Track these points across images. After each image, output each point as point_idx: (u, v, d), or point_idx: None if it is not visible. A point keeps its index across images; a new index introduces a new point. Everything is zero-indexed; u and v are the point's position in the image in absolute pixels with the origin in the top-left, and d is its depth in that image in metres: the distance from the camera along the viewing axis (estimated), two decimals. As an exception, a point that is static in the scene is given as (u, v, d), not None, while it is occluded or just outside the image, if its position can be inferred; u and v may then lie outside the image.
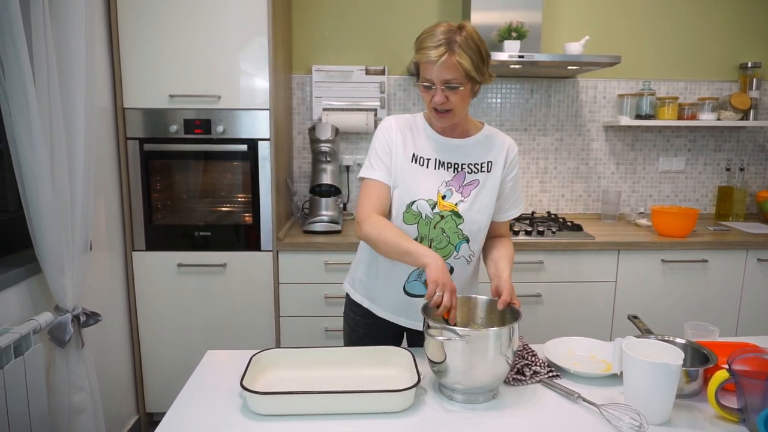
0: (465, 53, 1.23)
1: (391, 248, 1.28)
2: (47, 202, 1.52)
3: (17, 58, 1.39)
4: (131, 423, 2.34)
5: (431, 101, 1.29)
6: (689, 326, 1.32)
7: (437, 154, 1.39)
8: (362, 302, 1.50)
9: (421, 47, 1.26)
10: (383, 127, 1.41)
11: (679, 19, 2.85)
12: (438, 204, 1.36)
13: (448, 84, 1.25)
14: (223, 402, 1.11)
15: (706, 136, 2.94)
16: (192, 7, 2.14)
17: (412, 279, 1.41)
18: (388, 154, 1.38)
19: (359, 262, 1.52)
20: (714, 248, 2.38)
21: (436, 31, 1.25)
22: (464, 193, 1.38)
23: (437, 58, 1.23)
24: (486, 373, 1.09)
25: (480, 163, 1.40)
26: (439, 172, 1.38)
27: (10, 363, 1.36)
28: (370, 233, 1.31)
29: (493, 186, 1.40)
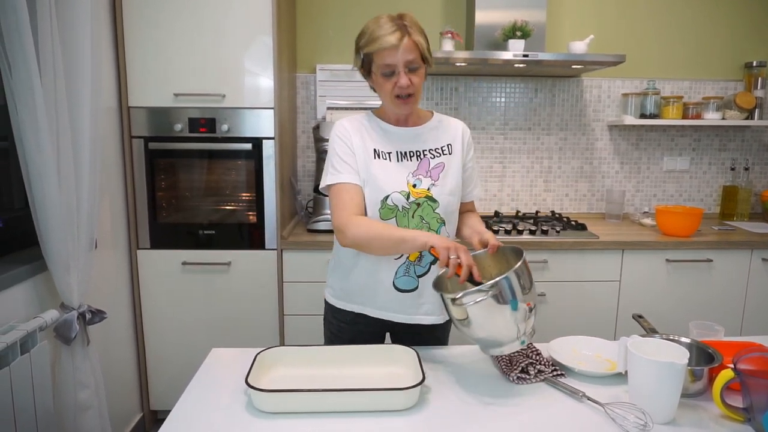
0: (418, 34, 1.31)
1: (385, 242, 1.28)
2: (53, 200, 1.53)
3: (24, 57, 1.40)
4: (135, 420, 2.35)
5: (395, 88, 1.32)
6: (694, 325, 1.32)
7: (396, 146, 1.41)
8: (352, 308, 1.47)
9: (375, 38, 1.29)
10: (338, 131, 1.40)
11: (683, 18, 2.84)
12: (411, 193, 1.38)
13: (410, 66, 1.30)
14: (228, 399, 1.11)
15: (710, 136, 2.93)
16: (197, 7, 2.14)
17: (400, 275, 1.40)
18: (350, 155, 1.37)
19: (338, 271, 1.49)
20: (719, 248, 2.38)
21: (380, 21, 1.31)
22: (434, 177, 1.40)
23: (398, 42, 1.27)
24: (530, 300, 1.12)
25: (440, 147, 1.44)
26: (402, 164, 1.40)
27: (16, 360, 1.37)
28: (358, 236, 1.29)
29: (457, 166, 1.45)
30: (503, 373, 1.23)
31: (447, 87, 2.81)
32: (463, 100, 2.83)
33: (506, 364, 1.24)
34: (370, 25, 1.33)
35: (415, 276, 1.40)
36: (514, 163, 2.91)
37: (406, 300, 1.42)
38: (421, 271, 1.41)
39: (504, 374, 1.22)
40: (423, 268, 1.41)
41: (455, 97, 2.82)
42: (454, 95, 2.82)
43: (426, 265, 1.41)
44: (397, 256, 1.39)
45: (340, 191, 1.36)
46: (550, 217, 2.74)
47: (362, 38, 1.33)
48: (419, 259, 1.40)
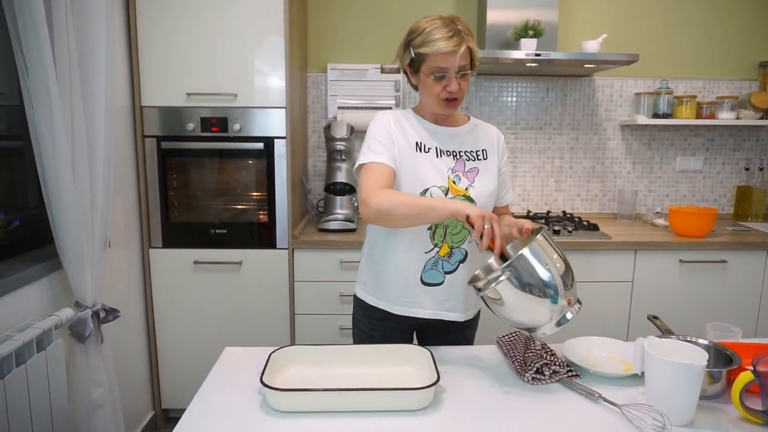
0: (472, 40, 1.33)
1: (410, 209, 1.24)
2: (68, 199, 1.54)
3: (40, 56, 1.41)
4: (147, 418, 2.36)
5: (443, 91, 1.33)
6: (711, 327, 1.30)
7: (436, 142, 1.42)
8: (378, 304, 1.48)
9: (432, 39, 1.29)
10: (380, 119, 1.41)
11: (697, 17, 2.81)
12: (450, 189, 1.38)
13: (461, 71, 1.32)
14: (243, 398, 1.11)
15: (724, 135, 2.90)
16: (209, 7, 2.15)
17: (428, 268, 1.41)
18: (390, 141, 1.38)
19: (369, 266, 1.51)
20: (733, 249, 2.35)
21: (437, 23, 1.31)
22: (470, 179, 1.42)
23: (457, 47, 1.28)
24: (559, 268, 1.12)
25: (475, 151, 1.45)
26: (442, 159, 1.40)
27: (32, 358, 1.39)
28: (381, 204, 1.24)
29: (492, 172, 1.46)
30: (518, 374, 1.22)
31: (458, 86, 2.80)
32: (474, 99, 2.82)
33: (520, 365, 1.24)
34: (425, 25, 1.33)
35: (442, 271, 1.42)
36: (525, 163, 2.90)
37: (431, 294, 1.43)
38: (449, 267, 1.42)
39: (518, 375, 1.22)
40: (452, 265, 1.42)
41: (466, 97, 2.81)
42: (465, 94, 2.80)
43: (455, 263, 1.42)
44: (427, 249, 1.39)
45: (371, 169, 1.34)
46: (562, 217, 2.72)
47: (416, 37, 1.33)
48: (449, 255, 1.41)
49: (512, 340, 1.37)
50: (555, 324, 1.14)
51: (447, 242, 1.41)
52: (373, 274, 1.49)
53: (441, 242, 1.40)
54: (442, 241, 1.40)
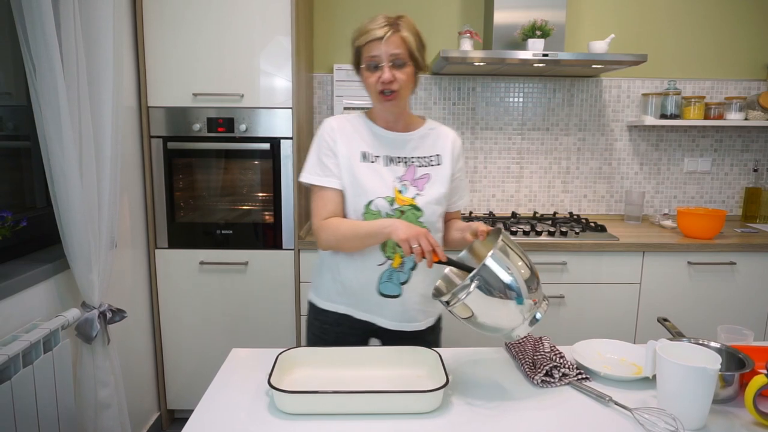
0: (408, 32, 1.32)
1: (354, 241, 1.31)
2: (76, 199, 1.54)
3: (48, 58, 1.41)
4: (153, 419, 2.36)
5: (377, 81, 1.31)
6: (722, 330, 1.29)
7: (385, 150, 1.39)
8: (337, 309, 1.45)
9: (365, 31, 1.31)
10: (324, 130, 1.39)
11: (705, 17, 2.79)
12: (396, 199, 1.36)
13: (395, 60, 1.30)
14: (250, 400, 1.11)
15: (733, 137, 2.88)
16: (216, 8, 2.15)
17: (384, 280, 1.39)
18: (332, 158, 1.37)
19: (324, 271, 1.48)
20: (742, 250, 2.33)
21: (376, 17, 1.33)
22: (419, 187, 1.39)
23: (384, 34, 1.29)
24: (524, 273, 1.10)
25: (429, 157, 1.42)
26: (390, 168, 1.38)
27: (39, 358, 1.38)
28: (329, 239, 1.34)
29: (444, 178, 1.42)
30: (527, 376, 1.21)
31: (464, 87, 2.79)
32: (481, 100, 2.81)
33: (530, 367, 1.23)
34: (365, 21, 1.35)
35: (398, 283, 1.40)
36: (531, 164, 2.88)
37: (390, 306, 1.41)
38: (403, 278, 1.40)
39: (528, 377, 1.21)
40: (405, 275, 1.40)
41: (472, 97, 2.80)
42: (472, 95, 2.80)
43: (408, 271, 1.40)
44: (380, 262, 1.37)
45: (319, 196, 1.38)
46: (569, 219, 2.71)
47: (355, 33, 1.35)
48: (401, 266, 1.39)
49: (521, 342, 1.36)
50: (528, 325, 1.12)
51: (398, 252, 1.38)
52: (330, 279, 1.45)
53: (392, 254, 1.38)
54: (394, 253, 1.38)
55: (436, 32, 2.75)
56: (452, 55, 2.30)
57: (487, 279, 1.06)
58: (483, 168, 2.87)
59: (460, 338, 2.31)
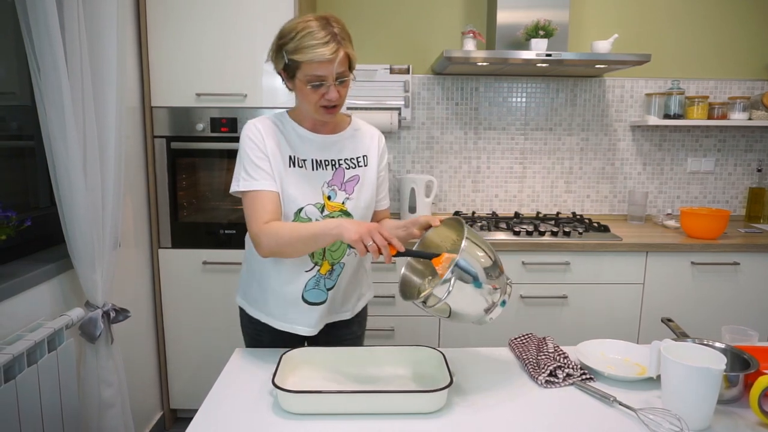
0: (349, 44, 1.25)
1: (299, 245, 1.22)
2: (80, 199, 1.54)
3: (53, 57, 1.41)
4: (156, 418, 2.36)
5: (322, 99, 1.24)
6: (727, 330, 1.29)
7: (313, 153, 1.34)
8: (259, 317, 1.43)
9: (306, 46, 1.19)
10: (250, 132, 1.31)
11: (709, 17, 2.79)
12: (326, 206, 1.33)
13: (340, 78, 1.24)
14: (254, 400, 1.11)
15: (736, 136, 2.88)
16: (219, 8, 2.15)
17: (310, 287, 1.36)
18: (264, 159, 1.29)
19: (251, 278, 1.44)
20: (745, 251, 2.33)
21: (310, 26, 1.20)
22: (348, 190, 1.36)
23: (333, 55, 1.19)
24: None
25: (356, 158, 1.38)
26: (318, 173, 1.33)
27: (43, 357, 1.39)
28: (270, 245, 1.23)
29: (372, 179, 1.40)
30: (531, 377, 1.21)
31: (467, 87, 2.79)
32: (484, 100, 2.81)
33: (533, 367, 1.22)
34: (299, 27, 1.21)
35: (325, 289, 1.38)
36: (534, 164, 2.88)
37: (313, 312, 1.38)
38: (330, 284, 1.38)
39: (532, 377, 1.21)
40: (333, 281, 1.38)
41: (475, 97, 2.80)
42: (475, 95, 2.80)
43: (335, 277, 1.38)
44: (308, 268, 1.35)
45: (254, 199, 1.27)
46: (572, 219, 2.70)
47: (289, 41, 1.21)
48: (330, 273, 1.37)
49: (524, 342, 1.36)
50: (500, 306, 1.13)
51: (327, 259, 1.36)
52: (255, 285, 1.43)
53: (321, 260, 1.35)
54: (322, 259, 1.35)
55: (439, 32, 2.75)
56: (455, 55, 2.30)
57: (461, 277, 1.06)
58: (486, 168, 2.87)
59: (462, 338, 2.31)
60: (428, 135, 2.83)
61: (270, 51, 1.29)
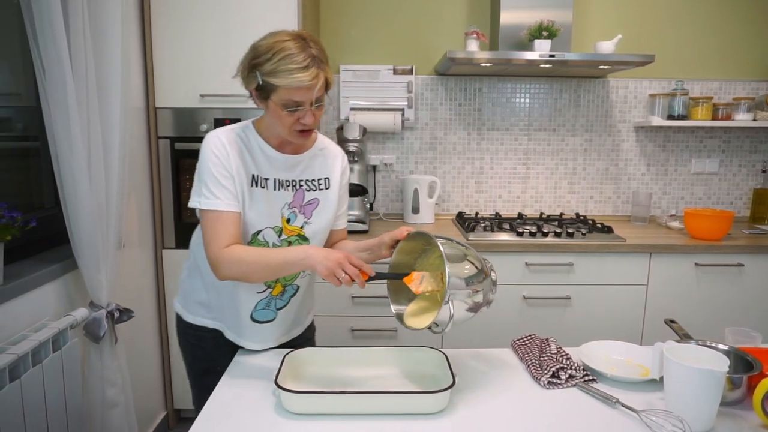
0: (327, 66, 1.18)
1: (263, 272, 1.18)
2: (84, 199, 1.55)
3: (58, 59, 1.42)
4: (160, 418, 2.37)
5: (297, 123, 1.18)
6: (730, 332, 1.28)
7: (275, 172, 1.28)
8: (206, 324, 1.37)
9: (284, 70, 1.12)
10: (214, 146, 1.22)
11: (713, 17, 2.78)
12: (284, 230, 1.29)
13: (317, 103, 1.19)
14: (257, 400, 1.11)
15: (741, 137, 2.87)
16: (223, 8, 2.16)
17: (260, 308, 1.33)
18: (228, 178, 1.21)
19: (195, 280, 1.37)
20: (750, 252, 2.32)
21: (289, 48, 1.13)
22: (307, 214, 1.32)
23: (313, 81, 1.13)
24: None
25: (317, 180, 1.34)
26: (279, 193, 1.28)
27: (48, 357, 1.39)
28: (232, 270, 1.17)
29: (333, 202, 1.36)
30: (533, 378, 1.21)
31: (471, 87, 2.79)
32: (487, 100, 2.81)
33: (536, 368, 1.22)
34: (276, 48, 1.13)
35: (274, 309, 1.35)
36: (537, 165, 2.88)
37: (261, 330, 1.35)
38: (281, 304, 1.36)
39: (534, 378, 1.21)
40: (284, 302, 1.36)
41: (479, 98, 2.80)
42: (478, 96, 2.80)
43: (287, 299, 1.36)
44: (260, 290, 1.31)
45: (215, 220, 1.20)
46: (575, 220, 2.70)
47: (264, 62, 1.14)
48: (282, 294, 1.35)
49: (527, 344, 1.36)
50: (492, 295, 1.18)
51: (280, 282, 1.33)
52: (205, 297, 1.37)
53: (274, 283, 1.32)
54: (275, 281, 1.32)
55: (442, 33, 2.75)
56: (458, 56, 2.30)
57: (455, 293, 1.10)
58: (489, 169, 2.87)
59: (465, 339, 2.31)
60: (431, 136, 2.83)
61: (240, 68, 1.21)
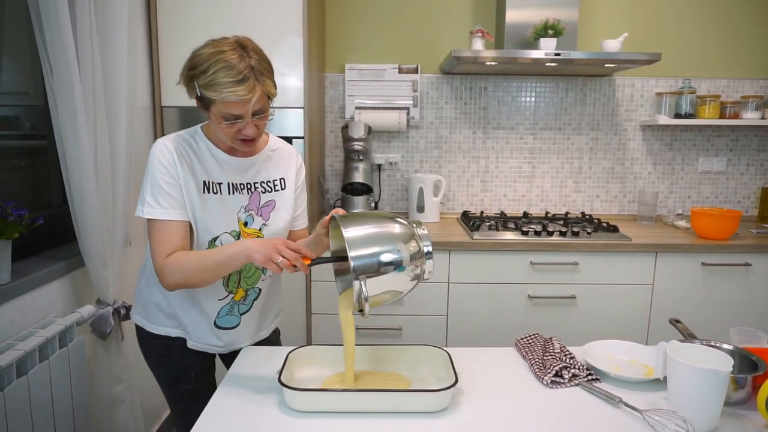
0: (267, 77, 1.15)
1: (206, 274, 1.16)
2: (91, 197, 1.56)
3: (65, 59, 1.43)
4: (165, 415, 2.39)
5: (238, 133, 1.17)
6: (735, 331, 1.28)
7: (228, 176, 1.26)
8: (169, 333, 1.34)
9: (218, 83, 1.09)
10: (160, 154, 1.20)
11: (720, 15, 2.76)
12: (242, 233, 1.27)
13: (258, 113, 1.16)
14: (261, 398, 1.12)
15: (749, 136, 2.85)
16: (228, 8, 2.17)
17: (223, 314, 1.32)
18: (174, 186, 1.20)
19: (155, 296, 1.34)
20: (757, 251, 2.30)
21: (227, 59, 1.10)
22: (265, 216, 1.30)
23: (249, 95, 1.10)
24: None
25: (272, 181, 1.32)
26: (234, 197, 1.26)
27: (55, 354, 1.41)
28: (176, 278, 1.16)
29: (290, 201, 1.35)
30: (536, 377, 1.21)
31: (476, 86, 2.79)
32: (492, 99, 2.80)
33: (539, 368, 1.22)
34: (211, 59, 1.10)
35: (238, 314, 1.34)
36: (543, 164, 2.87)
37: (225, 335, 1.34)
38: (244, 309, 1.35)
39: (537, 377, 1.20)
40: (247, 306, 1.35)
41: (484, 97, 2.80)
42: (483, 94, 2.80)
43: (250, 302, 1.35)
44: (222, 297, 1.30)
45: (159, 230, 1.19)
46: (581, 219, 2.69)
47: (200, 74, 1.11)
48: (244, 299, 1.34)
49: (530, 343, 1.36)
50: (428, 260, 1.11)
51: (242, 286, 1.32)
52: (165, 305, 1.33)
53: (236, 288, 1.31)
54: (237, 286, 1.31)
55: (448, 32, 2.75)
56: (464, 55, 2.30)
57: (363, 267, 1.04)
58: (495, 168, 2.87)
59: (469, 338, 2.31)
60: (437, 134, 2.83)
61: (181, 76, 1.19)
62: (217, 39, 1.16)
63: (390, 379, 1.20)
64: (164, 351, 1.37)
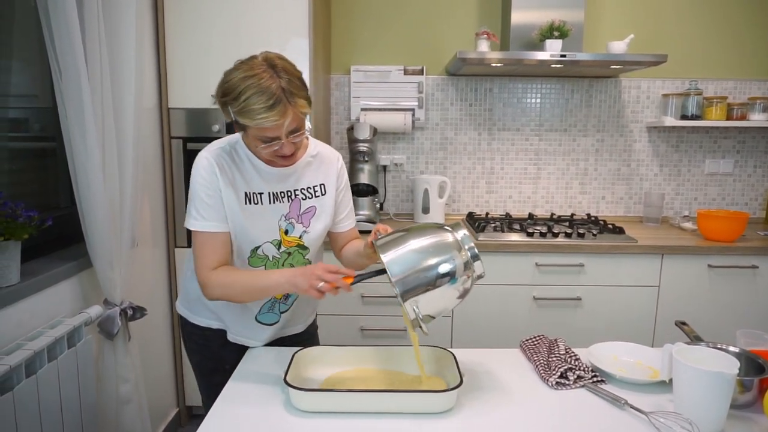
0: (300, 97, 1.14)
1: (246, 297, 1.24)
2: (98, 198, 1.57)
3: (74, 60, 1.45)
4: (172, 415, 2.40)
5: (275, 153, 1.19)
6: (742, 334, 1.27)
7: (269, 186, 1.28)
8: (211, 325, 1.40)
9: (250, 110, 1.10)
10: (202, 169, 1.24)
11: (727, 16, 2.75)
12: (283, 242, 1.30)
13: (293, 132, 1.17)
14: (266, 398, 1.12)
15: (756, 138, 2.83)
16: (235, 10, 2.18)
17: (265, 311, 1.36)
18: (215, 198, 1.23)
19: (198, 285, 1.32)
20: (764, 254, 2.29)
21: (257, 83, 1.10)
22: (305, 223, 1.32)
23: (282, 119, 1.11)
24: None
25: (313, 187, 1.33)
26: (275, 206, 1.28)
27: (63, 354, 1.42)
28: (217, 296, 1.23)
29: (330, 207, 1.36)
30: (541, 378, 1.21)
31: (481, 88, 2.79)
32: (498, 100, 2.80)
33: (544, 369, 1.22)
34: (242, 86, 1.11)
35: (278, 312, 1.38)
36: (549, 165, 2.87)
37: (266, 330, 1.38)
38: (284, 308, 1.38)
39: (542, 379, 1.21)
40: (287, 305, 1.38)
41: (490, 98, 2.80)
42: (489, 96, 2.80)
43: (291, 302, 1.38)
44: None
45: (203, 242, 1.24)
46: (586, 220, 2.68)
47: (232, 101, 1.12)
48: (285, 298, 1.36)
49: (536, 344, 1.36)
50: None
51: None
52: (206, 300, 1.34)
53: None
54: None
55: (453, 33, 2.75)
56: (469, 57, 2.30)
57: (406, 282, 1.06)
58: (500, 169, 2.87)
59: (474, 339, 2.31)
60: (442, 136, 2.83)
61: (215, 98, 1.20)
62: (246, 60, 1.17)
63: (397, 378, 1.20)
64: (205, 342, 1.42)
